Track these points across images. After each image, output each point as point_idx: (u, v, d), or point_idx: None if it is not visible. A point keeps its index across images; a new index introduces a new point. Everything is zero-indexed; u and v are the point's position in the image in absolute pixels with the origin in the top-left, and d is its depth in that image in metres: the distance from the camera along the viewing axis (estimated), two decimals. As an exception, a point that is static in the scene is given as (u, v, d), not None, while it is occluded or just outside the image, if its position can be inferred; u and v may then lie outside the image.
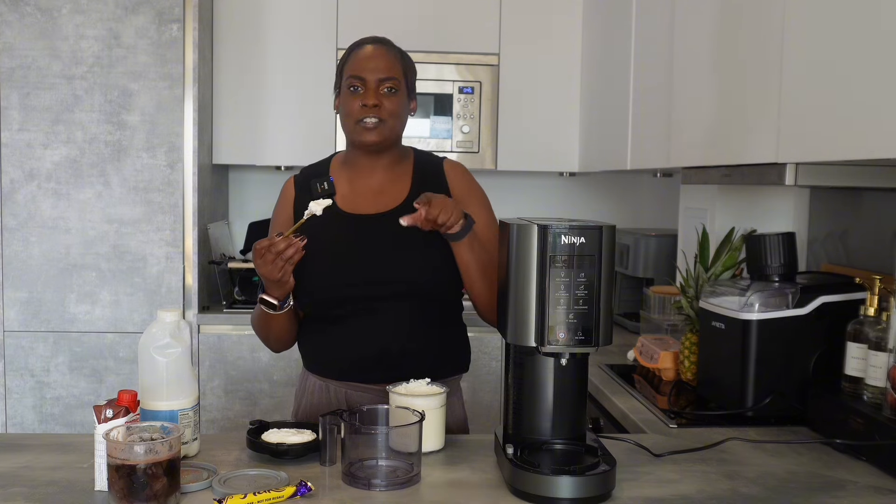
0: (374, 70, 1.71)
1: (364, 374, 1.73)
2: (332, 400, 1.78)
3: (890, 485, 1.43)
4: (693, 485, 1.41)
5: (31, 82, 2.88)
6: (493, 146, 3.30)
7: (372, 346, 1.72)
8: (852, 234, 2.20)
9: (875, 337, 1.60)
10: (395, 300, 1.71)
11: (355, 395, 1.75)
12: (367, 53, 1.74)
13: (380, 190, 1.77)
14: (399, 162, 1.81)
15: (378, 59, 1.73)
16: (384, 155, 1.77)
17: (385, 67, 1.72)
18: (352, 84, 1.72)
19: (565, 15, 3.31)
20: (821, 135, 1.54)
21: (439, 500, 1.33)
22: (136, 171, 2.93)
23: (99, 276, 2.94)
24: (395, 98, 1.72)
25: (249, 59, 3.21)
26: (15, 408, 2.95)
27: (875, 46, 1.37)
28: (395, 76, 1.72)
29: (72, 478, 1.39)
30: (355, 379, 1.75)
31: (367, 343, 1.72)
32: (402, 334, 1.71)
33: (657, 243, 3.03)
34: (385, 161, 1.78)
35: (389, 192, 1.77)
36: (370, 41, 1.77)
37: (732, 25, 1.94)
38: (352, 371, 1.75)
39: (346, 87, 1.73)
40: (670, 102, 2.30)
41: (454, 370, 1.82)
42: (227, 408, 3.01)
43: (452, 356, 1.82)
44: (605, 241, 1.34)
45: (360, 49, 1.75)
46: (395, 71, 1.73)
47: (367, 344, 1.72)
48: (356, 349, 1.73)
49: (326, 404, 1.77)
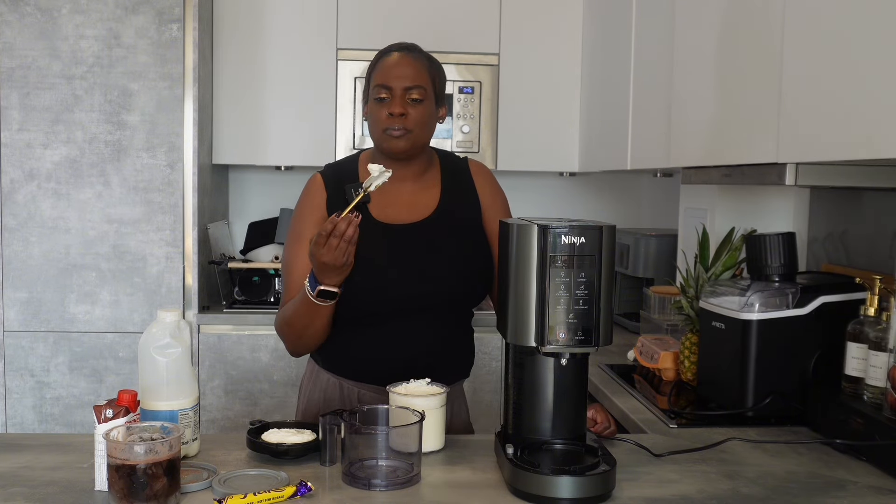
0: (400, 78, 1.69)
1: (387, 378, 1.65)
2: (343, 397, 1.78)
3: (890, 485, 1.43)
4: (693, 485, 1.41)
5: (31, 82, 2.87)
6: (493, 146, 3.30)
7: (401, 352, 1.73)
8: (852, 234, 2.20)
9: (875, 337, 1.60)
10: (426, 308, 1.72)
11: (368, 394, 1.76)
12: (393, 61, 1.71)
13: (412, 199, 1.77)
14: (427, 169, 1.80)
15: (404, 67, 1.70)
16: (413, 163, 1.76)
17: (411, 76, 1.69)
18: (379, 93, 1.70)
19: (565, 15, 3.31)
20: (821, 135, 1.54)
21: (439, 500, 1.33)
22: (136, 171, 2.93)
23: (99, 276, 2.94)
24: (422, 107, 1.70)
25: (249, 59, 3.21)
26: (15, 408, 2.95)
27: (875, 46, 1.37)
28: (421, 84, 1.70)
29: (72, 478, 1.39)
30: (375, 381, 1.74)
31: (397, 349, 1.73)
32: (430, 341, 1.74)
33: (657, 243, 3.03)
34: (414, 169, 1.77)
35: (421, 201, 1.77)
36: (397, 48, 1.75)
37: (733, 26, 1.94)
38: (374, 373, 1.74)
39: (374, 96, 1.71)
40: (670, 102, 2.30)
41: (461, 375, 1.85)
42: (227, 408, 3.01)
43: (463, 362, 1.84)
44: (605, 241, 1.34)
45: (387, 56, 1.73)
46: (421, 79, 1.70)
47: (396, 349, 1.73)
48: (384, 354, 1.73)
49: (338, 401, 1.78)
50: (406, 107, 1.69)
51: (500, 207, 1.84)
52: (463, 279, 1.74)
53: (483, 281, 1.78)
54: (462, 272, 1.74)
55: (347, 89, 3.22)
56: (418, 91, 1.69)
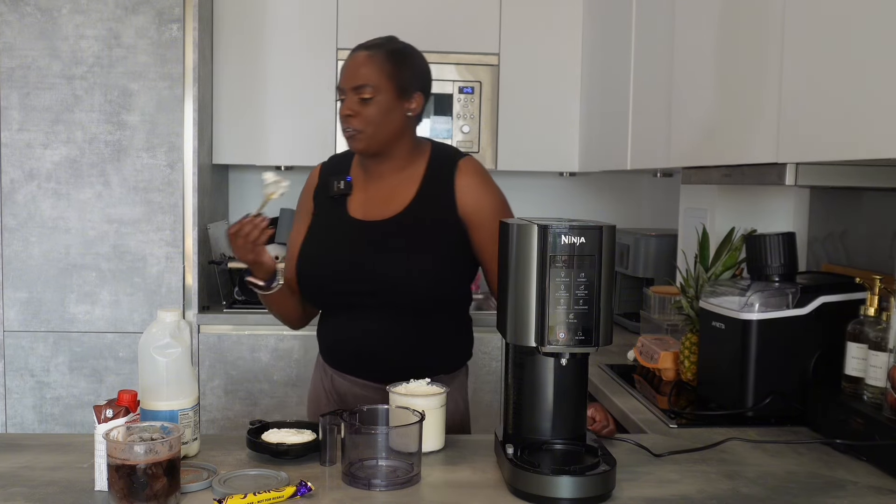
0: (348, 79, 1.72)
1: (351, 368, 1.82)
2: (329, 389, 1.87)
3: (890, 485, 1.43)
4: (693, 485, 1.41)
5: (31, 82, 2.87)
6: (493, 146, 3.30)
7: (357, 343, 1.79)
8: (852, 234, 2.20)
9: (875, 337, 1.60)
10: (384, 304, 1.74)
11: (344, 384, 1.83)
12: (347, 61, 1.75)
13: (388, 195, 1.78)
14: (408, 165, 1.78)
15: (355, 67, 1.72)
16: (388, 159, 1.77)
17: (359, 75, 1.70)
18: (338, 95, 1.76)
19: (565, 15, 3.31)
20: (821, 135, 1.54)
21: (439, 500, 1.33)
22: (136, 171, 2.93)
23: (99, 276, 2.94)
24: (372, 105, 1.69)
25: (249, 59, 3.21)
26: (15, 408, 2.95)
27: (875, 46, 1.37)
28: (369, 83, 1.69)
29: (72, 478, 1.39)
30: (344, 370, 1.83)
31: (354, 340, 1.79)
32: (386, 335, 1.76)
33: (657, 243, 3.03)
34: (392, 164, 1.78)
35: (396, 197, 1.77)
36: (359, 47, 1.76)
37: (732, 25, 1.94)
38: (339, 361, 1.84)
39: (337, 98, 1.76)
40: (670, 102, 2.30)
41: (450, 367, 1.84)
42: (227, 408, 3.01)
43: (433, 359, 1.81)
44: (605, 241, 1.34)
45: (348, 57, 1.76)
46: (370, 77, 1.69)
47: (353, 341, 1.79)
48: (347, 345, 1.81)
49: (325, 392, 1.87)
50: (354, 107, 1.70)
51: (489, 210, 1.75)
52: (412, 279, 1.71)
53: (441, 283, 1.74)
54: (412, 272, 1.71)
55: (347, 89, 3.22)
56: (366, 90, 1.69)
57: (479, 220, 1.74)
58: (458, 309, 1.86)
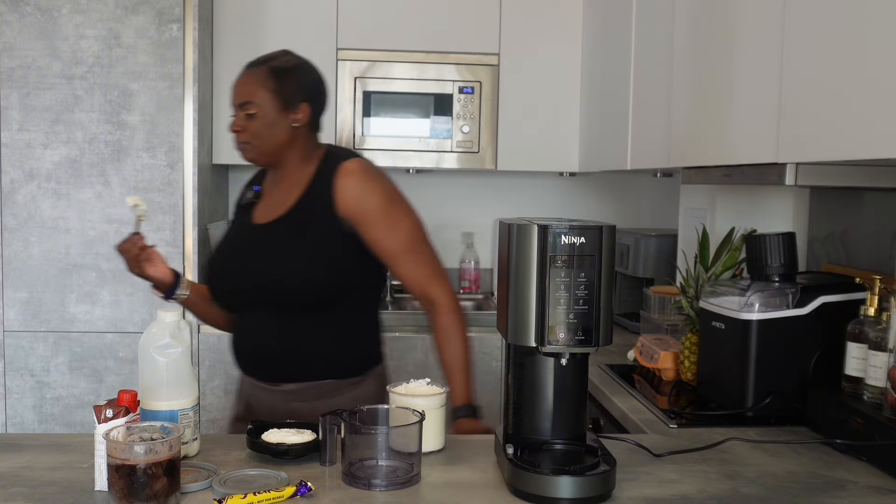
0: (234, 97, 1.83)
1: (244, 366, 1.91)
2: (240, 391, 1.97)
3: (890, 485, 1.43)
4: (693, 485, 1.41)
5: (31, 82, 2.87)
6: (493, 146, 3.30)
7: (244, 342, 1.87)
8: (852, 234, 2.20)
9: (875, 337, 1.60)
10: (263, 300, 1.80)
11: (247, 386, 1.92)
12: (234, 81, 1.85)
13: (277, 199, 1.86)
14: (299, 170, 1.85)
15: (238, 86, 1.83)
16: (280, 168, 1.87)
17: (242, 93, 1.81)
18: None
19: (565, 15, 3.31)
20: (821, 135, 1.54)
21: (439, 500, 1.33)
22: (136, 171, 2.93)
23: (99, 276, 2.94)
24: (255, 120, 1.79)
25: (249, 60, 3.20)
26: (15, 408, 2.95)
27: (876, 46, 1.37)
28: (251, 100, 1.79)
29: (72, 478, 1.39)
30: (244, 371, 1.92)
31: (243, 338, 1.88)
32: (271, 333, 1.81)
33: (657, 243, 3.03)
34: (284, 172, 1.87)
35: (283, 201, 1.85)
36: (246, 65, 1.86)
37: (733, 25, 1.94)
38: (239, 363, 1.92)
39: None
40: (670, 102, 2.30)
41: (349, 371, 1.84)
42: (227, 408, 3.00)
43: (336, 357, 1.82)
44: (605, 241, 1.34)
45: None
46: (251, 94, 1.79)
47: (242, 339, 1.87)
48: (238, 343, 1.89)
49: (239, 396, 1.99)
50: (242, 122, 1.81)
51: (372, 208, 1.76)
52: (290, 277, 1.77)
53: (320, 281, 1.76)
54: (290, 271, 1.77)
55: (347, 89, 3.22)
56: (249, 106, 1.80)
57: (363, 219, 1.77)
58: (354, 309, 1.84)
